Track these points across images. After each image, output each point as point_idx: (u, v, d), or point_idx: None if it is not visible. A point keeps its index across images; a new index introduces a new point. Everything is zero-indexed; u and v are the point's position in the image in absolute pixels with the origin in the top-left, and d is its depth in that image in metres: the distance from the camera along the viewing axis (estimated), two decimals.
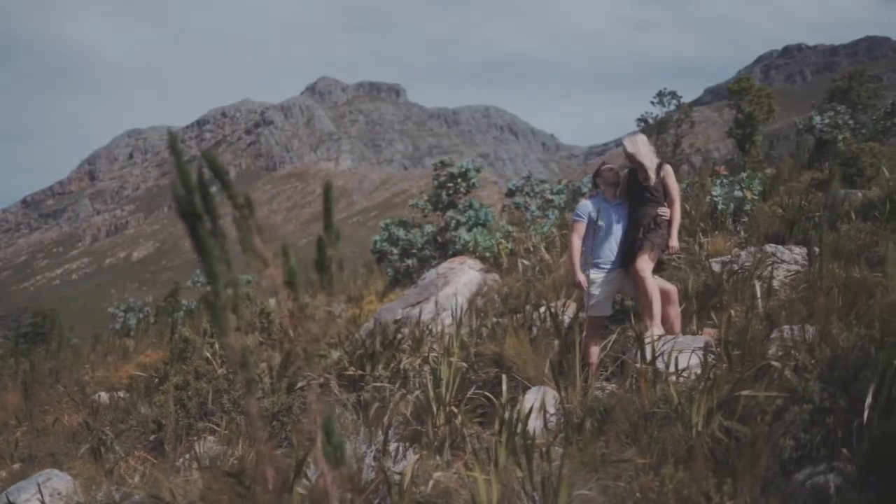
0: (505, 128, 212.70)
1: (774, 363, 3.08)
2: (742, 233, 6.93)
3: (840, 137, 11.93)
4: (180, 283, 20.79)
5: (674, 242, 4.63)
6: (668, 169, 4.76)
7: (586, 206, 4.89)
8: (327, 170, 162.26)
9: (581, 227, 4.80)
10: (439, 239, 11.18)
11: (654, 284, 4.54)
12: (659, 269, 4.86)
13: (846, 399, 2.68)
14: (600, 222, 4.77)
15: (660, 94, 14.06)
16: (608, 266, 4.74)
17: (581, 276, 4.71)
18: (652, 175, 4.65)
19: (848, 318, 3.23)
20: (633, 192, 4.76)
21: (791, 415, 2.73)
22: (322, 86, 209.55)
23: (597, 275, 4.74)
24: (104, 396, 7.76)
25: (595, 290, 4.73)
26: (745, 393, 2.90)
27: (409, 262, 11.14)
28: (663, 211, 4.68)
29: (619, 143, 5.78)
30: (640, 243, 4.61)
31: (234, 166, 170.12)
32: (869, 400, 2.56)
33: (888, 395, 2.69)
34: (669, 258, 4.94)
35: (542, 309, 5.65)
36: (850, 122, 12.13)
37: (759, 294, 4.12)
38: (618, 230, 4.77)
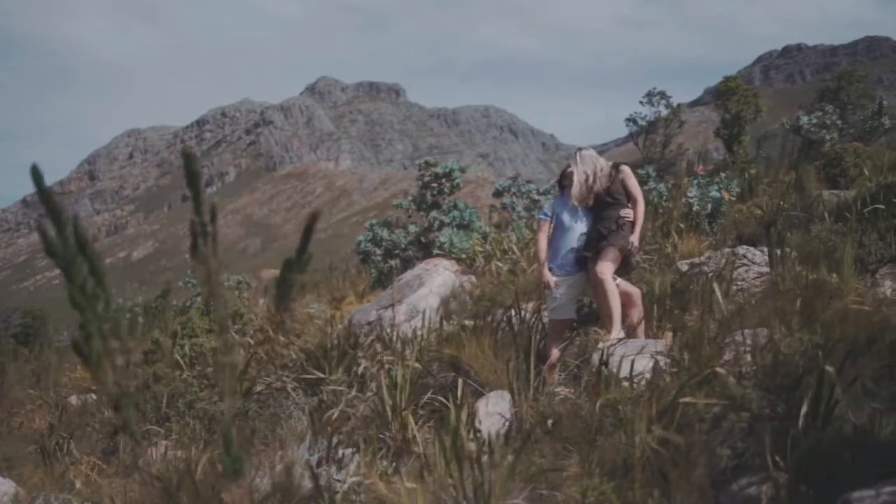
0: (505, 128, 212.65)
1: (719, 369, 3.01)
2: (718, 234, 6.86)
3: (828, 138, 11.86)
4: (171, 283, 20.75)
5: (635, 240, 4.56)
6: (625, 170, 4.70)
7: (553, 206, 4.82)
8: (327, 170, 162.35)
9: (546, 227, 4.73)
10: (423, 240, 11.11)
11: (615, 287, 4.47)
12: (623, 271, 4.78)
13: (784, 407, 2.60)
14: (565, 223, 4.70)
15: (649, 94, 13.99)
16: (571, 268, 4.67)
17: (548, 276, 4.65)
18: (603, 184, 4.60)
19: (797, 323, 3.15)
20: (595, 195, 4.70)
21: (729, 423, 2.66)
22: (322, 86, 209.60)
23: (560, 277, 4.67)
24: (76, 399, 7.69)
25: (557, 293, 4.66)
26: (685, 400, 2.82)
27: (393, 262, 11.07)
28: (626, 212, 4.62)
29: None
30: (602, 245, 4.54)
31: (233, 166, 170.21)
32: (804, 408, 2.49)
33: (828, 403, 2.62)
34: (637, 261, 4.86)
35: (507, 311, 5.58)
36: (838, 122, 12.06)
37: (719, 297, 4.04)
38: (581, 232, 4.70)
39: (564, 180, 4.86)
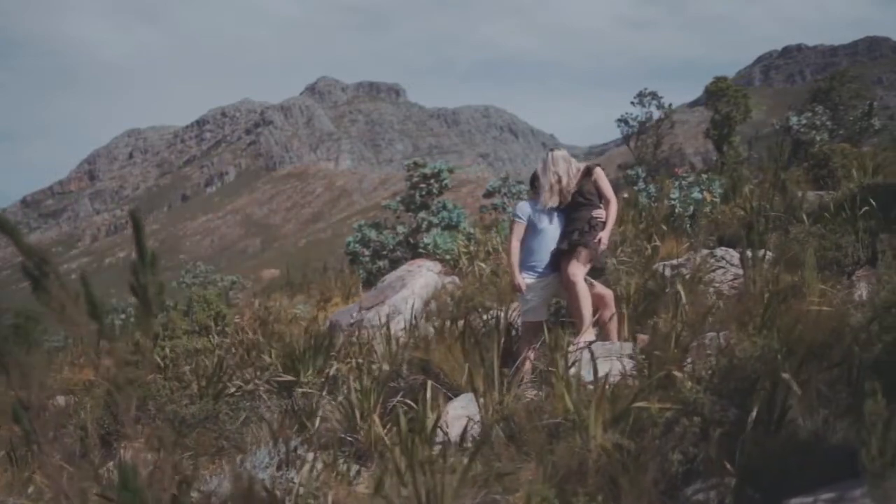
0: (505, 128, 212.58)
1: (676, 373, 2.98)
2: (700, 235, 6.83)
3: (818, 138, 11.83)
4: (165, 283, 20.75)
5: (604, 238, 4.54)
6: (598, 171, 4.67)
7: (525, 207, 4.80)
8: (327, 170, 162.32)
9: (520, 229, 4.71)
10: (411, 240, 11.09)
11: (586, 289, 4.44)
12: (596, 272, 4.76)
13: (736, 412, 2.58)
14: (538, 225, 4.68)
15: (640, 95, 13.96)
16: (544, 270, 4.64)
17: (519, 279, 4.62)
18: (574, 185, 4.58)
19: (754, 327, 3.13)
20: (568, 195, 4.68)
21: (681, 428, 2.63)
22: (322, 86, 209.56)
23: (532, 279, 4.64)
24: (62, 400, 7.67)
25: (530, 295, 4.63)
26: (639, 404, 2.80)
27: (381, 263, 11.05)
28: (598, 213, 4.59)
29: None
30: (574, 247, 4.51)
31: (233, 166, 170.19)
32: (754, 413, 2.47)
33: (782, 408, 2.60)
34: (606, 261, 4.84)
35: (486, 313, 5.56)
36: (828, 122, 12.02)
37: (683, 299, 4.02)
38: (555, 234, 4.67)
39: (537, 181, 4.83)
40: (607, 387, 3.04)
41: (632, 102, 13.91)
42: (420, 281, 7.37)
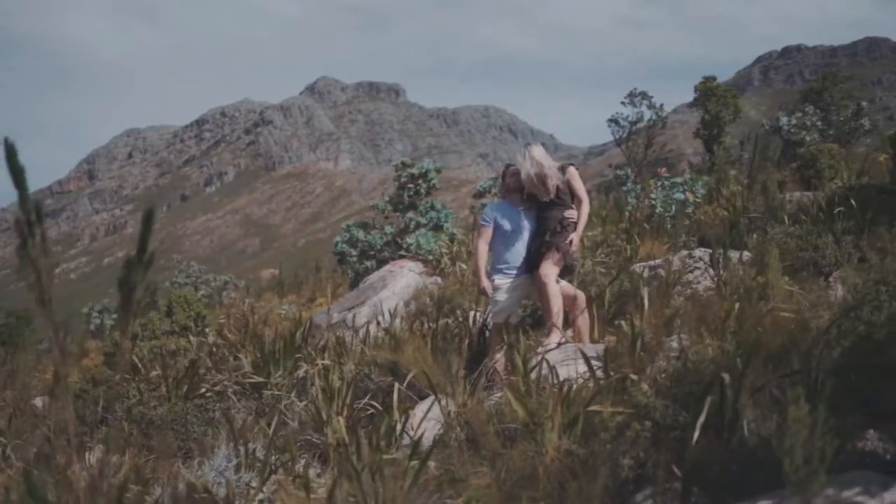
0: (504, 128, 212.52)
1: (633, 376, 2.94)
2: (682, 236, 6.79)
3: (808, 139, 11.79)
4: (158, 283, 20.70)
5: (575, 239, 4.50)
6: (571, 171, 4.63)
7: (493, 210, 4.75)
8: (326, 169, 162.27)
9: (487, 232, 4.66)
10: (399, 241, 11.04)
11: (557, 290, 4.40)
12: (568, 273, 4.72)
13: (686, 416, 2.53)
14: (507, 227, 4.63)
15: (630, 95, 13.91)
16: (514, 271, 4.60)
17: (485, 282, 4.59)
18: (552, 187, 4.53)
19: (718, 329, 3.09)
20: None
21: (633, 432, 2.59)
22: (321, 85, 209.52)
23: (502, 280, 4.60)
24: (39, 402, 7.63)
25: (500, 296, 4.59)
26: (592, 408, 2.76)
27: (368, 263, 11.01)
28: (570, 213, 4.55)
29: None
30: (546, 247, 4.47)
31: (233, 166, 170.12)
32: (702, 418, 2.42)
33: (733, 412, 2.55)
34: (576, 262, 4.79)
35: (465, 314, 5.52)
36: (818, 123, 11.98)
37: (646, 302, 3.97)
38: (525, 235, 4.63)
39: (509, 179, 4.78)
40: (564, 390, 2.99)
41: (622, 102, 13.86)
42: (401, 282, 7.33)
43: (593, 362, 3.74)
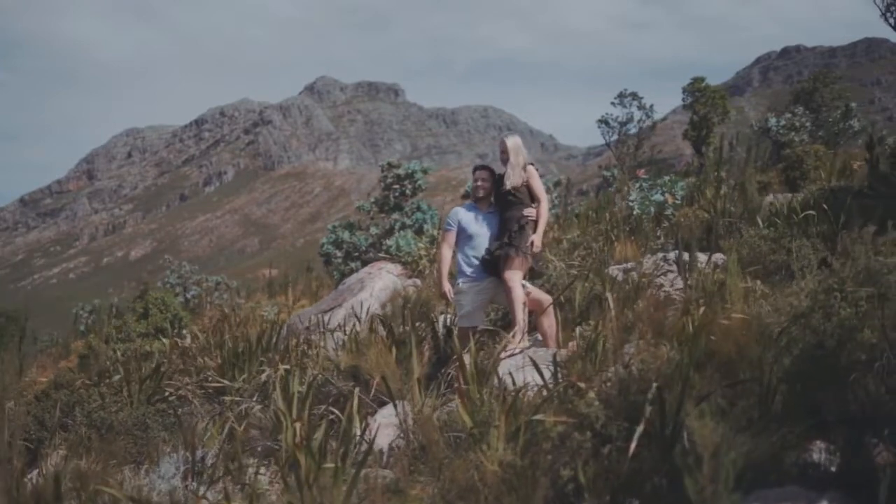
0: (503, 128, 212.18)
1: (580, 384, 2.88)
2: (661, 238, 6.73)
3: (797, 140, 11.72)
4: (150, 283, 20.61)
5: (537, 241, 4.44)
6: (531, 170, 4.58)
7: (457, 214, 4.70)
8: (325, 169, 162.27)
9: (451, 237, 4.61)
10: (384, 242, 10.99)
11: (521, 294, 4.34)
12: (534, 276, 4.66)
13: (627, 426, 2.47)
14: (472, 230, 4.58)
15: (620, 95, 13.84)
16: (477, 275, 4.54)
17: (447, 287, 4.53)
18: (513, 181, 4.47)
19: (670, 335, 3.03)
20: (499, 197, 4.58)
21: (574, 443, 2.53)
22: (321, 85, 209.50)
23: (467, 284, 4.55)
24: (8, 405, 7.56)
25: (465, 301, 4.54)
26: (536, 417, 2.70)
27: (353, 265, 10.95)
28: (529, 211, 4.49)
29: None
30: (506, 250, 4.40)
31: (232, 166, 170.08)
32: (640, 428, 2.36)
33: (675, 421, 2.49)
34: (541, 264, 4.73)
35: (439, 317, 5.46)
36: (808, 124, 11.92)
37: (611, 305, 3.91)
38: (489, 238, 4.57)
39: (476, 181, 4.74)
40: (512, 398, 2.93)
41: (612, 103, 13.80)
42: (379, 283, 7.27)
43: (550, 369, 3.69)
